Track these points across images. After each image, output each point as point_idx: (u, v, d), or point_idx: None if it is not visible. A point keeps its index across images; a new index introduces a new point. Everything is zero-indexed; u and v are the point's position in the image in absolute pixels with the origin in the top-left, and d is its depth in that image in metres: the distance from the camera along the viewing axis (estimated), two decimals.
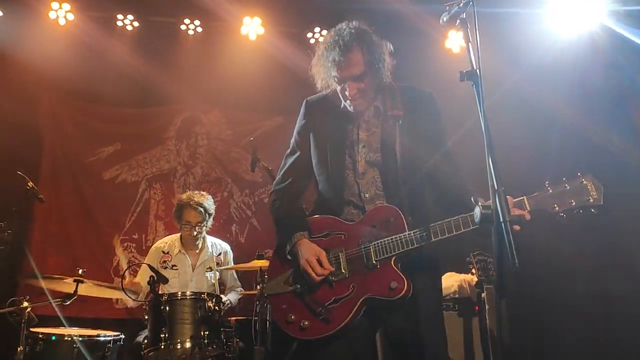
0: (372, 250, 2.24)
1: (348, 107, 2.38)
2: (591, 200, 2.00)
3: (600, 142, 4.36)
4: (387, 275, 2.19)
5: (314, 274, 2.25)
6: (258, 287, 3.72)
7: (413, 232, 2.18)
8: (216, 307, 3.44)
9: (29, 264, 5.00)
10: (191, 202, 4.20)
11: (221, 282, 4.37)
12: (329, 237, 2.33)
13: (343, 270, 2.27)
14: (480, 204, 1.90)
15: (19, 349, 3.14)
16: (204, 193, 4.36)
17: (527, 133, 4.73)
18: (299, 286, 2.30)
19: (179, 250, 4.27)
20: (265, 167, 3.98)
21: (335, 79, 2.32)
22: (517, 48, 4.68)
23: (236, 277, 4.46)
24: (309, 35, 5.52)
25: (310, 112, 2.52)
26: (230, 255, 4.41)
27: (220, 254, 4.36)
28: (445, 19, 2.12)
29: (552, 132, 4.70)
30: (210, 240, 4.40)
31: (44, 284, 3.60)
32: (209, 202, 4.28)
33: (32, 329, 3.28)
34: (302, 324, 2.25)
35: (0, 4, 5.07)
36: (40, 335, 3.34)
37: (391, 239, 2.21)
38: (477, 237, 2.16)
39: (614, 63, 4.46)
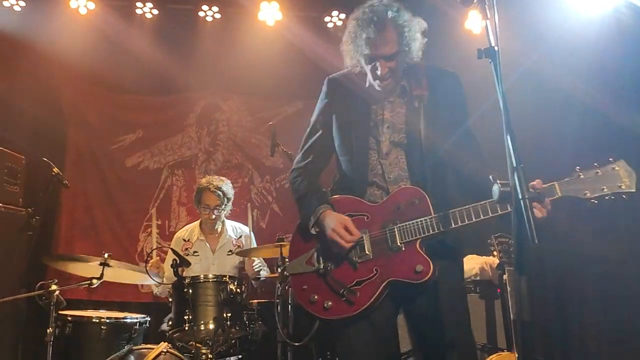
0: (396, 232, 2.22)
1: (376, 87, 2.34)
2: (623, 187, 1.99)
3: (625, 124, 4.28)
4: (413, 258, 2.17)
5: (343, 242, 2.23)
6: (279, 270, 3.78)
7: (439, 215, 2.16)
8: (238, 290, 3.49)
9: (56, 249, 5.15)
10: (210, 186, 4.26)
11: (244, 267, 4.43)
12: (352, 218, 2.30)
13: (367, 252, 2.25)
14: (498, 182, 1.90)
15: (49, 330, 3.21)
16: (222, 177, 4.43)
17: (546, 114, 4.66)
18: (321, 267, 2.29)
19: (198, 237, 4.35)
20: (285, 152, 4.01)
21: (366, 58, 2.28)
22: (537, 27, 4.59)
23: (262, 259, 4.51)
24: (327, 19, 5.50)
25: (332, 90, 2.48)
26: (252, 237, 4.46)
27: (240, 237, 4.42)
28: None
29: (572, 114, 4.63)
30: (231, 224, 4.47)
31: (70, 267, 3.70)
32: (227, 186, 4.34)
33: (61, 312, 3.35)
34: (325, 304, 2.24)
35: None
36: (69, 318, 3.44)
37: (417, 221, 2.19)
38: (502, 222, 2.15)
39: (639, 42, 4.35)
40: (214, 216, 4.27)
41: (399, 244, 2.21)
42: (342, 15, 5.48)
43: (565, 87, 4.53)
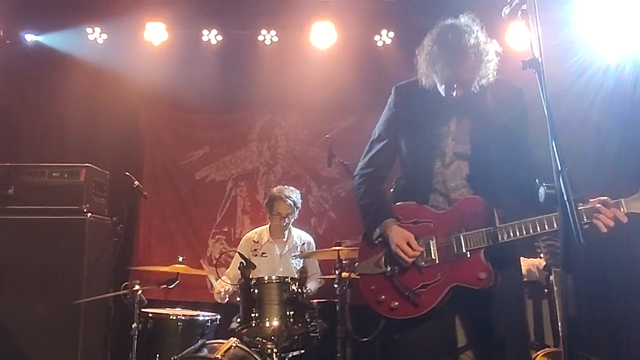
0: (462, 240, 2.21)
1: (447, 100, 2.29)
2: None
3: None
4: (476, 266, 2.17)
5: (405, 257, 2.25)
6: (336, 272, 3.84)
7: (505, 226, 2.15)
8: (299, 290, 3.56)
9: (137, 254, 5.38)
10: (282, 195, 4.39)
11: (304, 270, 4.52)
12: (418, 225, 2.31)
13: (433, 257, 2.26)
14: (544, 184, 1.89)
15: (133, 325, 3.39)
16: (292, 187, 4.56)
17: (584, 127, 4.46)
18: (389, 269, 2.30)
19: (268, 239, 4.46)
20: (341, 163, 4.06)
21: (443, 80, 2.24)
22: (577, 37, 4.45)
23: (318, 265, 4.58)
24: (377, 38, 5.54)
25: (399, 100, 2.45)
26: (313, 246, 4.55)
27: (304, 243, 4.51)
28: (507, 11, 2.11)
29: (612, 128, 4.44)
30: (296, 231, 4.57)
31: (150, 270, 3.88)
32: (297, 196, 4.47)
33: (143, 309, 3.53)
34: (392, 305, 2.26)
35: (105, 29, 5.42)
36: (150, 315, 3.60)
37: (483, 230, 2.18)
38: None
39: None
40: (284, 223, 4.38)
41: (464, 251, 2.20)
42: (391, 34, 5.51)
43: (602, 99, 4.36)
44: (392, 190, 2.50)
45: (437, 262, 2.25)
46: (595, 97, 4.42)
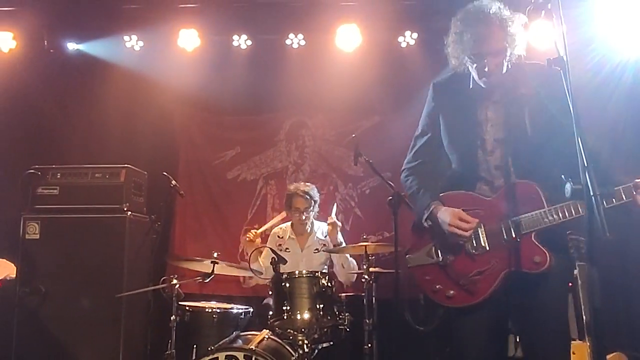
0: (512, 225, 2.17)
1: (482, 85, 2.27)
2: None
3: None
4: (530, 250, 2.13)
5: (462, 232, 2.20)
6: (364, 266, 3.84)
7: (554, 208, 2.11)
8: (329, 284, 3.56)
9: (173, 250, 5.48)
10: (298, 192, 4.43)
11: (333, 265, 4.52)
12: (467, 212, 2.27)
13: (483, 244, 2.22)
14: (570, 180, 1.87)
15: (172, 317, 3.45)
16: (308, 183, 4.58)
17: (601, 122, 4.34)
18: (441, 259, 2.27)
19: (290, 236, 4.50)
20: (367, 161, 4.04)
21: (473, 56, 2.22)
22: (596, 33, 4.33)
23: (351, 259, 4.54)
24: (401, 39, 5.51)
25: (438, 94, 2.44)
26: (340, 236, 4.52)
27: (326, 236, 4.52)
28: (530, 9, 2.08)
29: (629, 124, 4.32)
30: (318, 225, 4.58)
31: (187, 265, 3.94)
32: (313, 191, 4.49)
33: (180, 303, 3.58)
34: (447, 294, 2.24)
35: (141, 36, 5.52)
36: (188, 308, 3.66)
37: (533, 214, 2.14)
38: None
39: None
40: (304, 217, 4.41)
41: (514, 236, 2.16)
42: (415, 35, 5.47)
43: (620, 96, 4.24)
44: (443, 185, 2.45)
45: (488, 249, 2.21)
46: (613, 92, 4.32)
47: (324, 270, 3.96)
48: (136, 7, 5.35)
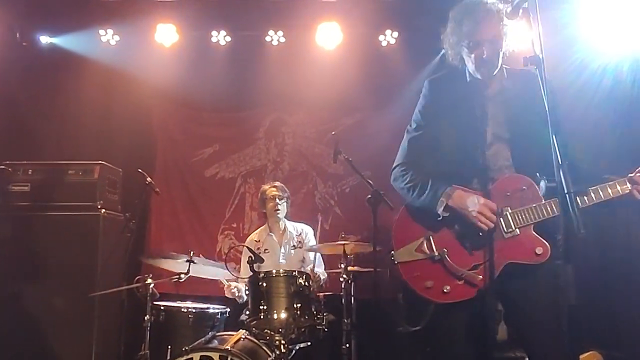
0: (510, 217, 2.18)
1: (479, 76, 2.29)
2: None
3: None
4: (531, 241, 2.14)
5: (488, 223, 2.15)
6: (342, 266, 3.84)
7: (553, 200, 2.11)
8: (306, 284, 3.55)
9: (148, 248, 5.41)
10: (268, 185, 4.58)
11: (306, 263, 4.52)
12: None
13: (513, 227, 2.18)
14: (544, 178, 1.89)
15: (146, 318, 3.41)
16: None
17: (584, 124, 4.43)
18: (436, 253, 2.22)
19: (267, 234, 4.49)
20: (346, 159, 4.05)
21: (471, 44, 2.24)
22: (577, 35, 4.41)
23: (322, 261, 4.57)
24: (381, 38, 5.53)
25: (434, 89, 2.43)
26: (311, 233, 4.53)
27: (300, 233, 4.53)
28: (508, 10, 2.11)
29: (610, 125, 4.40)
30: (291, 223, 4.60)
31: (162, 264, 3.90)
32: (282, 185, 4.60)
33: (155, 302, 3.54)
34: (444, 289, 2.20)
35: (117, 31, 5.45)
36: (162, 307, 3.62)
37: (532, 206, 2.15)
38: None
39: None
40: (278, 206, 4.43)
41: (514, 228, 2.17)
42: (395, 34, 5.50)
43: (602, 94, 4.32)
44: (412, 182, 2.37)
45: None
46: (595, 94, 4.39)
47: (301, 269, 3.94)
48: (112, 0, 5.27)
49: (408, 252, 2.28)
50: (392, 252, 2.34)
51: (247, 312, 3.56)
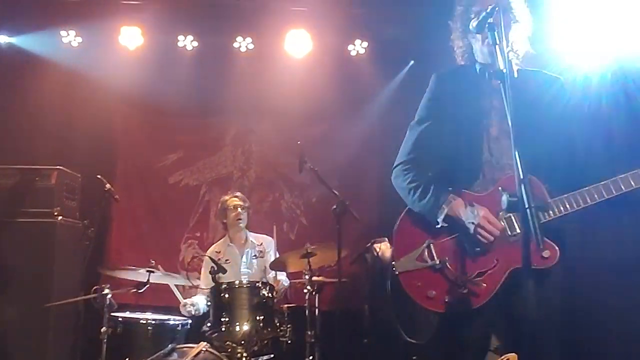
0: (514, 219, 2.08)
1: (488, 59, 2.21)
2: None
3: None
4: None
5: (494, 231, 2.06)
6: (306, 277, 3.82)
7: (559, 199, 2.05)
8: (269, 295, 3.54)
9: (108, 257, 5.28)
10: (228, 195, 4.53)
11: (268, 272, 4.48)
12: None
13: (518, 231, 2.07)
14: (506, 192, 1.90)
15: (103, 329, 3.33)
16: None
17: (557, 136, 4.56)
18: (437, 261, 2.11)
19: (227, 244, 4.46)
20: (312, 169, 4.05)
21: (475, 22, 2.12)
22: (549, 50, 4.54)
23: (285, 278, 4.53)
24: (351, 47, 5.58)
25: (440, 83, 2.35)
26: (272, 245, 4.49)
27: (261, 243, 4.50)
28: (474, 24, 2.13)
29: (580, 139, 4.54)
30: (251, 234, 4.57)
31: (121, 273, 3.81)
32: (243, 196, 4.56)
33: (113, 313, 3.46)
34: (446, 299, 2.09)
35: (80, 32, 5.33)
36: (120, 319, 3.54)
37: (539, 206, 1.98)
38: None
39: None
40: (241, 215, 4.39)
41: (519, 231, 2.05)
42: (365, 44, 5.55)
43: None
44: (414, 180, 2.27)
45: (490, 247, 2.10)
46: (566, 107, 4.51)
47: (264, 280, 3.91)
48: (75, 0, 5.16)
49: (409, 261, 2.17)
50: (394, 262, 2.22)
51: (209, 324, 3.52)
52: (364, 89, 5.71)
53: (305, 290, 3.78)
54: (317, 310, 3.84)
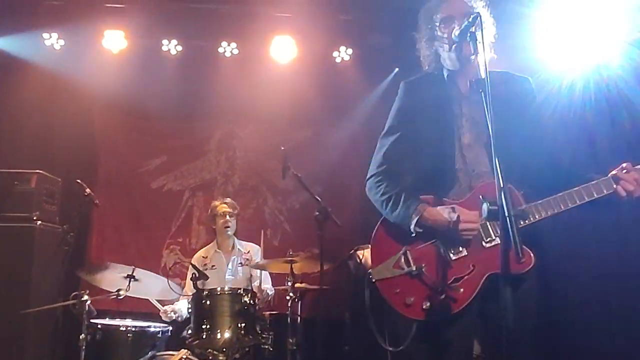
0: (489, 225, 2.09)
1: (456, 65, 2.21)
2: None
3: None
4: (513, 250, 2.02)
5: (473, 227, 2.06)
6: (289, 283, 3.81)
7: (534, 205, 2.06)
8: (251, 302, 3.51)
9: (88, 262, 5.21)
10: (219, 201, 4.50)
11: (254, 280, 4.46)
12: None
13: (461, 248, 2.11)
14: (487, 201, 1.91)
15: (81, 336, 3.28)
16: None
17: (543, 143, 4.62)
18: (414, 268, 2.11)
19: (215, 250, 4.43)
20: (295, 175, 4.04)
21: (441, 25, 2.19)
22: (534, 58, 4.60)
23: (269, 277, 4.52)
24: (335, 54, 5.60)
25: (409, 91, 2.34)
26: (258, 252, 4.48)
27: (248, 251, 4.48)
28: (457, 33, 2.15)
29: (565, 145, 4.61)
30: (239, 242, 4.55)
31: (101, 279, 3.76)
32: (235, 203, 4.54)
33: (92, 320, 3.42)
34: (424, 306, 2.09)
35: (62, 34, 5.28)
36: (99, 326, 3.49)
37: (512, 213, 1.96)
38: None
39: None
40: (229, 222, 4.37)
41: (494, 237, 2.09)
42: (350, 51, 5.58)
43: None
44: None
45: (466, 253, 2.11)
46: (553, 114, 4.58)
47: (247, 288, 3.89)
48: (58, 3, 5.13)
49: (386, 268, 2.17)
50: (370, 270, 2.22)
51: (190, 331, 3.49)
52: (348, 96, 5.74)
53: (287, 297, 3.77)
54: (299, 317, 3.83)
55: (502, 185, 1.80)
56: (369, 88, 5.72)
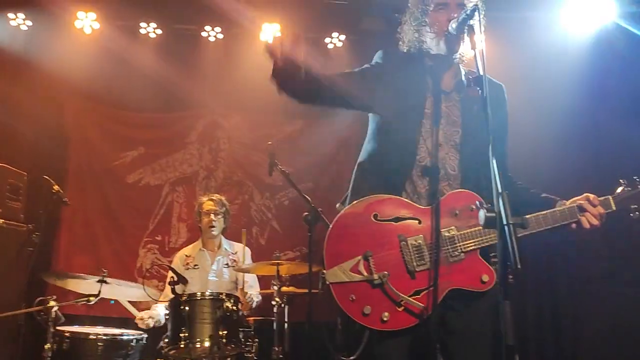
0: (456, 239, 2.12)
1: (442, 52, 2.20)
2: None
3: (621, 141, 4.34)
4: (476, 267, 2.10)
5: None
6: (275, 287, 3.80)
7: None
8: (234, 307, 3.50)
9: (55, 264, 5.17)
10: (206, 197, 4.49)
11: (240, 284, 4.45)
12: (400, 223, 2.13)
13: (425, 260, 2.11)
14: (485, 207, 1.90)
15: (46, 346, 3.25)
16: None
17: (546, 135, 4.70)
18: (376, 277, 2.07)
19: (200, 249, 4.41)
20: (282, 171, 4.02)
21: (429, 10, 2.18)
22: (531, 51, 4.66)
23: (257, 282, 4.52)
24: (327, 40, 5.58)
25: (387, 59, 2.30)
26: (248, 255, 4.47)
27: (236, 252, 4.46)
28: (454, 25, 2.14)
29: (572, 135, 4.68)
30: (226, 241, 4.53)
31: (69, 284, 3.73)
32: (223, 200, 4.50)
33: (58, 328, 3.38)
34: (382, 316, 2.07)
35: (29, 15, 5.23)
36: (67, 334, 3.45)
37: (479, 229, 2.09)
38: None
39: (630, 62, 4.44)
40: (214, 222, 4.35)
41: (459, 252, 2.12)
42: (342, 37, 5.55)
43: (561, 107, 4.59)
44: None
45: (430, 266, 2.12)
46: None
47: (230, 292, 3.87)
48: None
49: (342, 271, 2.10)
50: (324, 271, 2.12)
51: (166, 340, 3.47)
52: None
53: (273, 303, 3.76)
54: (286, 323, 3.82)
55: (500, 191, 1.78)
56: None
